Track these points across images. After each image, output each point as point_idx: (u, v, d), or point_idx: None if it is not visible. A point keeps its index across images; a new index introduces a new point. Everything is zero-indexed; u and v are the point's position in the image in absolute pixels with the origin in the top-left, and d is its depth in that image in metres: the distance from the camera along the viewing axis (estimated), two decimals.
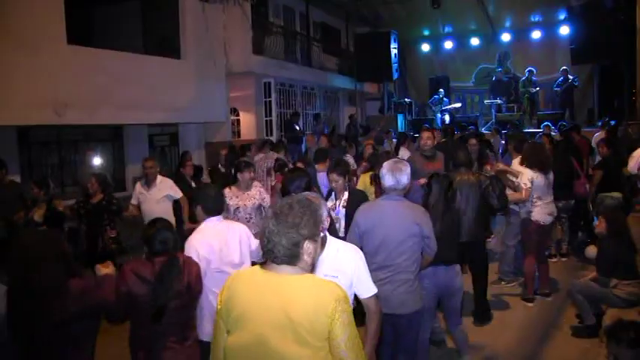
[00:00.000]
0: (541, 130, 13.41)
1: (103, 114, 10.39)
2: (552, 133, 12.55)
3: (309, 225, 2.37)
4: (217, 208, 4.30)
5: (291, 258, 2.35)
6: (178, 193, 7.54)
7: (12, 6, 8.80)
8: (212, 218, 4.20)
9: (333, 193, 5.75)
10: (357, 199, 5.37)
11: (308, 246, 2.38)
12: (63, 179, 10.93)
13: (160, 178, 7.47)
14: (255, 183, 6.71)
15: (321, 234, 2.51)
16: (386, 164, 4.37)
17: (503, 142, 11.84)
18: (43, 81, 9.09)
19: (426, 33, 22.84)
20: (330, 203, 5.49)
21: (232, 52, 14.17)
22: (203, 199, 4.26)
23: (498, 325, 6.38)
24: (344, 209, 5.46)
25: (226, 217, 5.01)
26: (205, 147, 14.22)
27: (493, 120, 18.29)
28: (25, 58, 8.83)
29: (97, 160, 12.12)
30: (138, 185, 7.59)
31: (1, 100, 8.55)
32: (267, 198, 6.66)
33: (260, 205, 6.48)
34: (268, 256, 2.38)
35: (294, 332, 2.26)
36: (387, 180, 4.27)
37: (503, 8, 19.31)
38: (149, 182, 7.39)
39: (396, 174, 4.23)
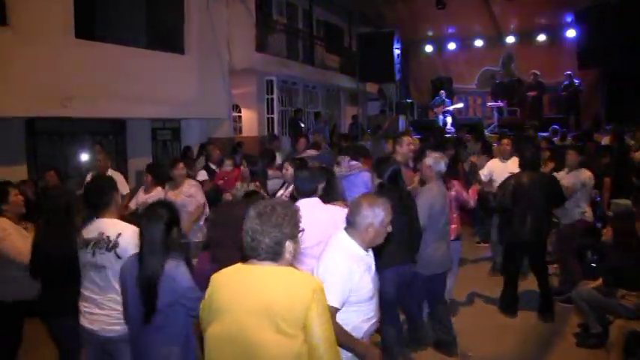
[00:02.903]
0: (546, 134, 13.30)
1: (107, 107, 10.43)
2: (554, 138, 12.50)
3: (290, 225, 2.55)
4: (309, 189, 4.50)
5: (274, 255, 2.53)
6: (124, 189, 7.89)
7: None
8: (305, 199, 4.41)
9: (286, 183, 6.31)
10: None
11: (289, 245, 2.55)
12: (67, 170, 10.88)
13: (110, 172, 7.85)
14: (189, 180, 7.24)
15: (300, 234, 2.66)
16: (436, 155, 5.65)
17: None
18: (50, 73, 9.15)
19: (430, 34, 22.75)
20: (280, 192, 6.24)
21: (235, 48, 14.10)
22: (295, 180, 4.57)
23: (500, 331, 6.32)
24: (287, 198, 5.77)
25: None
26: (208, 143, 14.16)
27: (495, 123, 18.23)
28: (34, 51, 8.91)
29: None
30: (88, 177, 7.96)
31: (10, 92, 8.62)
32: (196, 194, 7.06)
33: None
34: (251, 253, 2.55)
35: (271, 320, 2.40)
36: (442, 166, 5.57)
37: (509, 10, 19.20)
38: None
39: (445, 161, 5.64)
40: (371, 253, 3.44)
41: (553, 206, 6.72)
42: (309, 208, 4.21)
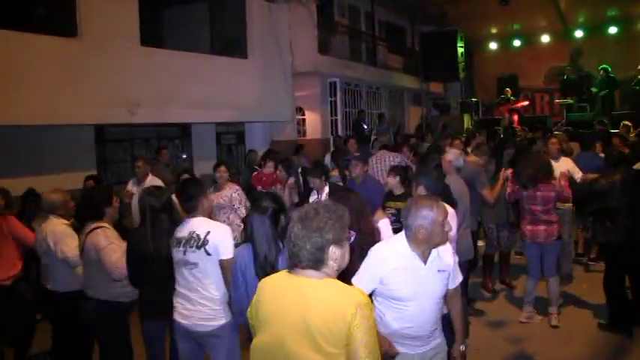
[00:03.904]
0: (617, 131, 12.84)
1: (173, 112, 10.65)
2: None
3: (333, 229, 2.36)
4: (439, 189, 4.57)
5: (316, 262, 2.36)
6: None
7: (90, 9, 9.14)
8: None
9: (315, 190, 6.55)
10: (336, 191, 6.17)
11: (334, 251, 2.37)
12: (134, 175, 11.17)
13: (150, 177, 7.83)
14: (231, 184, 7.29)
15: (351, 239, 2.50)
16: (455, 151, 6.01)
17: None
18: (117, 81, 9.44)
19: (494, 31, 22.38)
20: (312, 198, 6.38)
21: (298, 51, 14.20)
22: (426, 180, 4.59)
23: (572, 333, 6.09)
24: None
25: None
26: (271, 145, 14.31)
27: (564, 120, 17.72)
28: (102, 59, 9.19)
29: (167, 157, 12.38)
30: (130, 183, 8.01)
31: (80, 100, 8.93)
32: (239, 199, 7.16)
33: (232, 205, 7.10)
34: (293, 260, 2.40)
35: (310, 337, 2.26)
36: (461, 162, 5.85)
37: (577, 3, 18.62)
38: (139, 181, 7.77)
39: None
40: (435, 255, 3.33)
41: None
42: None
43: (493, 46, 22.69)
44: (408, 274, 3.25)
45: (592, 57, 19.81)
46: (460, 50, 18.40)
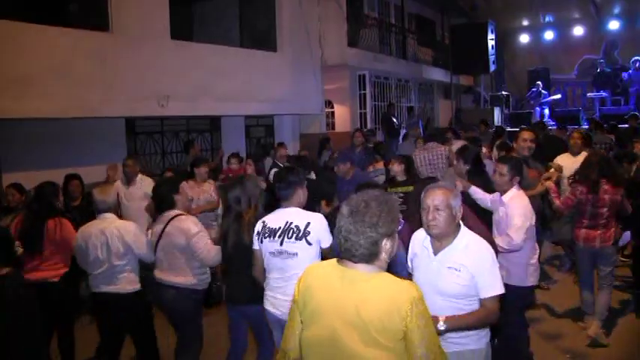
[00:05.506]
0: None
1: (202, 105, 10.71)
2: None
3: (387, 223, 2.33)
4: (521, 172, 4.79)
5: (370, 257, 2.33)
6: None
7: (122, 3, 9.25)
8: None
9: None
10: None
11: (386, 244, 2.35)
12: (164, 168, 11.27)
13: (140, 176, 7.50)
14: (209, 180, 7.52)
15: (398, 228, 2.47)
16: (460, 142, 6.13)
17: None
18: (148, 75, 9.53)
19: (525, 23, 22.06)
20: None
21: (327, 44, 14.19)
22: (512, 166, 4.68)
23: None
24: None
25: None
26: (300, 138, 14.33)
27: (597, 114, 17.44)
28: (133, 54, 9.29)
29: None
30: (118, 183, 7.45)
31: (111, 93, 9.04)
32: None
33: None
34: (346, 255, 2.37)
35: (363, 330, 2.25)
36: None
37: None
38: (129, 180, 7.41)
39: None
40: (451, 251, 3.18)
41: None
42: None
43: (524, 38, 22.35)
44: (420, 261, 3.34)
45: (627, 49, 19.40)
46: (491, 43, 18.21)
